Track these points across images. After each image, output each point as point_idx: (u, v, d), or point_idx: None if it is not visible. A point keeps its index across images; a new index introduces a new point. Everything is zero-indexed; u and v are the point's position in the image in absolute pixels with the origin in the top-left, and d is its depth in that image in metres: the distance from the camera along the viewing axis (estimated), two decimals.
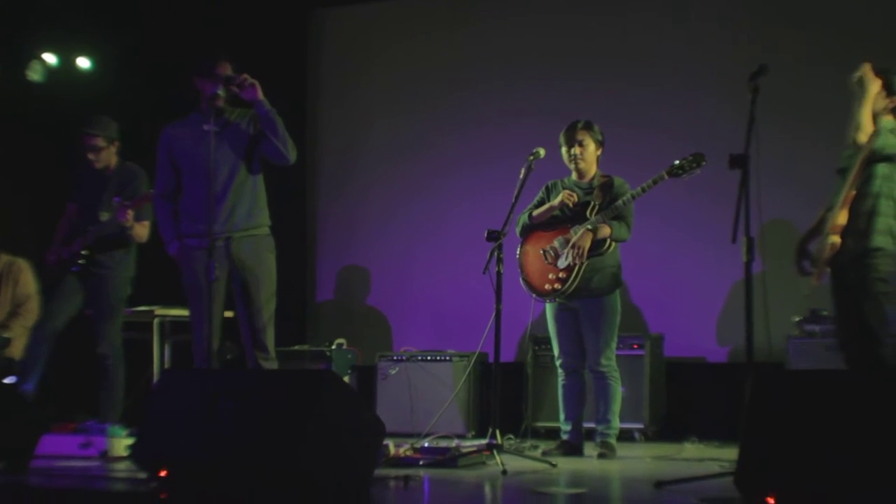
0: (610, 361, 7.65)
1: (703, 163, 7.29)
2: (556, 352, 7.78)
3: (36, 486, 5.84)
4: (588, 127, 7.79)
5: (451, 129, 10.64)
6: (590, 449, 7.68)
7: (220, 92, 7.13)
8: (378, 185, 10.97)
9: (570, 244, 7.55)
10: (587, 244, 7.52)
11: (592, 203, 7.64)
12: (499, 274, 6.97)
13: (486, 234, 7.05)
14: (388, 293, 10.85)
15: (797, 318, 8.61)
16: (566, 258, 7.56)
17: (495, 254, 6.99)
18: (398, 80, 11.01)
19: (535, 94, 10.21)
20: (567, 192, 7.69)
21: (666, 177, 7.38)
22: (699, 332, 9.58)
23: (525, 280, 7.75)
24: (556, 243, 7.65)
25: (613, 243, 7.65)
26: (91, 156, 8.18)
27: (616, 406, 7.69)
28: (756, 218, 5.93)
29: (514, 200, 7.12)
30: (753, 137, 5.86)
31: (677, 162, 7.35)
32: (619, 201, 7.54)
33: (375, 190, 10.98)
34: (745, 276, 5.83)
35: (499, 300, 6.97)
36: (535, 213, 7.79)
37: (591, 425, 7.78)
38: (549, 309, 7.77)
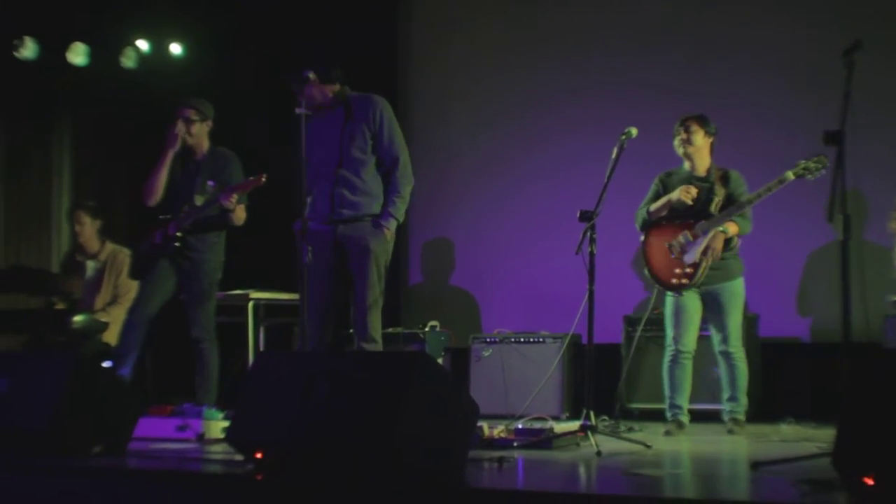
0: (739, 342, 7.93)
1: (827, 165, 7.21)
2: (672, 334, 7.93)
3: (133, 468, 5.91)
4: (698, 118, 7.96)
5: (538, 102, 10.58)
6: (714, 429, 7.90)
7: (311, 75, 7.35)
8: (465, 163, 10.96)
9: (704, 246, 7.70)
10: (721, 246, 7.74)
11: (717, 199, 7.79)
12: (591, 254, 6.93)
13: (578, 215, 6.99)
14: (479, 274, 10.85)
15: (894, 298, 8.49)
16: (693, 255, 7.74)
17: (588, 234, 6.95)
18: (485, 53, 10.98)
19: (627, 68, 10.12)
20: (685, 187, 7.81)
21: (792, 177, 7.44)
22: (794, 312, 9.50)
23: (650, 272, 7.95)
24: (681, 238, 7.80)
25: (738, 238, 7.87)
26: (180, 125, 8.08)
27: (745, 385, 7.97)
28: (852, 195, 5.84)
29: (606, 181, 7.04)
30: (849, 114, 5.76)
31: (803, 162, 7.39)
32: (745, 199, 7.67)
33: (462, 167, 10.98)
34: (842, 255, 5.72)
35: (591, 281, 6.92)
36: (653, 207, 7.92)
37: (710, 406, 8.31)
38: (670, 295, 7.94)
